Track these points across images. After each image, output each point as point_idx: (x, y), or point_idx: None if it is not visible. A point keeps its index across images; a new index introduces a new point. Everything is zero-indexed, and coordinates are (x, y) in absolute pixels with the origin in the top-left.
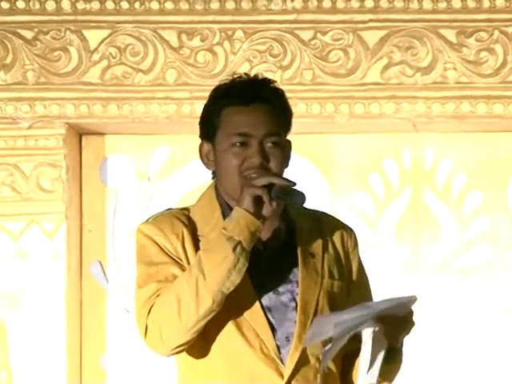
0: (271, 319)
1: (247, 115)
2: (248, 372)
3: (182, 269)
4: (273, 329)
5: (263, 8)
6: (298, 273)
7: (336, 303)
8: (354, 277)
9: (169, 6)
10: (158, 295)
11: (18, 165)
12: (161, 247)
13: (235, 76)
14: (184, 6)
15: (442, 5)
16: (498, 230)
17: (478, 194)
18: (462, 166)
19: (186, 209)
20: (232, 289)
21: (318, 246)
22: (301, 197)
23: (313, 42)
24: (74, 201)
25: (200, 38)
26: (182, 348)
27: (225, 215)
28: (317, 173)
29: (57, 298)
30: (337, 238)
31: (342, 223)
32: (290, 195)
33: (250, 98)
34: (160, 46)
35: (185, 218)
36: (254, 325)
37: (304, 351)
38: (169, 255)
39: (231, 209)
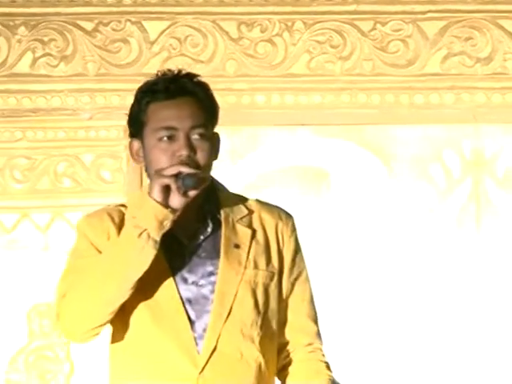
0: (190, 311)
1: (172, 109)
2: (163, 363)
3: None
4: (191, 321)
5: None
6: (220, 265)
7: (262, 293)
8: (288, 265)
9: None
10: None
11: (79, 156)
12: (90, 241)
13: (159, 73)
14: None
15: None
16: None
17: None
18: None
19: (123, 205)
20: (139, 275)
21: (245, 236)
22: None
23: (372, 33)
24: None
25: (260, 29)
26: (92, 333)
27: None
28: (377, 163)
29: None
30: (270, 226)
31: (278, 210)
32: (198, 184)
33: (175, 92)
34: (220, 37)
35: (116, 214)
36: (172, 317)
37: (221, 341)
38: (96, 249)
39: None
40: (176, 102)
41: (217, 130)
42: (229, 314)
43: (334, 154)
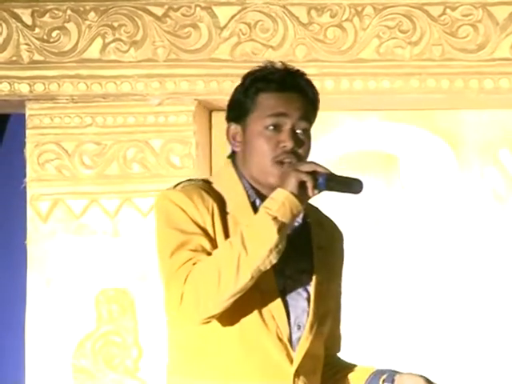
0: (286, 305)
1: (283, 100)
2: (262, 353)
3: (211, 242)
4: (287, 315)
5: None
6: (312, 263)
7: (334, 297)
8: (338, 280)
9: None
10: (194, 263)
11: (148, 141)
12: (189, 216)
13: (269, 63)
14: None
15: None
16: None
17: None
18: None
19: (208, 181)
20: (269, 267)
21: (324, 239)
22: (359, 185)
23: (442, 18)
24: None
25: (330, 14)
26: (211, 319)
27: (249, 197)
28: (446, 148)
29: None
30: (333, 235)
31: (336, 225)
32: (345, 185)
33: (288, 86)
34: (290, 22)
35: (212, 193)
36: (272, 309)
37: (312, 342)
38: (199, 226)
39: (255, 190)
40: (287, 95)
41: None
42: (321, 316)
43: (403, 139)
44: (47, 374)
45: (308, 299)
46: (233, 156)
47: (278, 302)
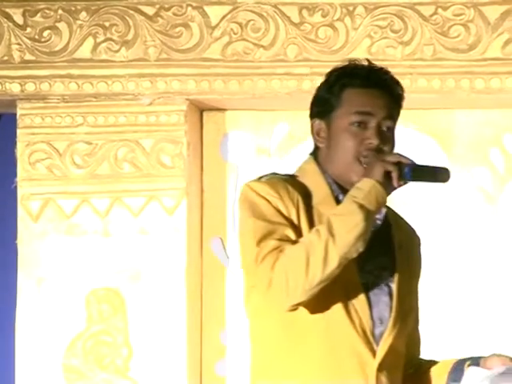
0: (368, 300)
1: (369, 97)
2: (347, 346)
3: (297, 233)
4: (370, 309)
5: None
6: (393, 261)
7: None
8: (417, 282)
9: None
10: (280, 251)
11: (139, 141)
12: (275, 207)
13: (352, 61)
14: None
15: None
16: None
17: None
18: None
19: (293, 176)
20: (355, 256)
21: (404, 240)
22: (446, 174)
23: (433, 18)
24: (195, 177)
25: (321, 14)
26: (297, 307)
27: (332, 191)
28: (437, 148)
29: (177, 275)
30: (410, 238)
31: (413, 229)
32: (432, 175)
33: (373, 82)
34: (281, 21)
35: (297, 186)
36: (355, 302)
37: (395, 338)
38: (284, 217)
39: (339, 186)
40: (373, 92)
41: (277, 114)
42: (405, 312)
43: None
44: (38, 373)
45: (390, 295)
46: (315, 153)
47: (361, 296)
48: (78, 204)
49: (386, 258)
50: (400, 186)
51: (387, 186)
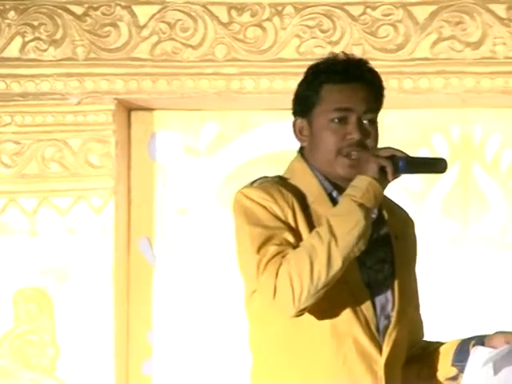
0: (371, 296)
1: (348, 92)
2: (353, 344)
3: (295, 236)
4: (373, 305)
5: None
6: (390, 253)
7: (414, 285)
8: (414, 266)
9: None
10: (282, 256)
11: (67, 140)
12: (270, 212)
13: (331, 55)
14: None
15: None
16: None
17: None
18: (510, 141)
19: (283, 178)
20: (357, 255)
21: (398, 227)
22: (442, 163)
23: (362, 18)
24: (123, 176)
25: (250, 14)
26: (304, 312)
27: (325, 189)
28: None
29: (104, 274)
30: (406, 224)
31: (407, 212)
32: (427, 166)
33: (352, 77)
34: (210, 21)
35: (290, 188)
36: (359, 300)
37: (399, 331)
38: (281, 221)
39: (330, 182)
40: (352, 86)
41: (206, 114)
42: (405, 303)
43: None
44: None
45: (391, 289)
46: (301, 150)
47: (365, 293)
48: (6, 203)
49: (384, 250)
50: (395, 178)
51: (382, 181)
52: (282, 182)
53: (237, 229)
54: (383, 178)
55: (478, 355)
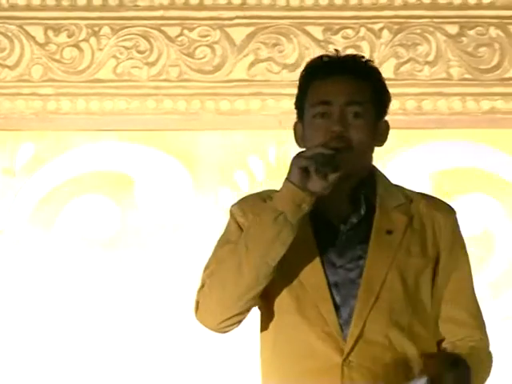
0: (336, 297)
1: (328, 84)
2: (307, 349)
3: None
4: (337, 306)
5: (130, 4)
6: (369, 250)
7: (414, 281)
8: (445, 256)
9: (35, 1)
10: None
11: None
12: (239, 226)
13: (323, 54)
14: (50, 1)
15: (309, 2)
16: None
17: None
18: None
19: (273, 190)
20: (277, 260)
21: (400, 222)
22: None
23: (179, 39)
24: None
25: (66, 34)
26: (230, 322)
27: None
28: (182, 170)
29: None
30: (428, 216)
31: (441, 203)
32: (334, 166)
33: (334, 69)
34: (26, 41)
35: (270, 199)
36: (318, 303)
37: (368, 328)
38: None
39: None
40: (333, 79)
41: (22, 134)
42: (376, 299)
43: (139, 160)
44: None
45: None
46: None
47: (325, 295)
48: None
49: (362, 247)
50: (331, 179)
51: (307, 183)
52: (267, 193)
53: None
54: (308, 180)
55: None
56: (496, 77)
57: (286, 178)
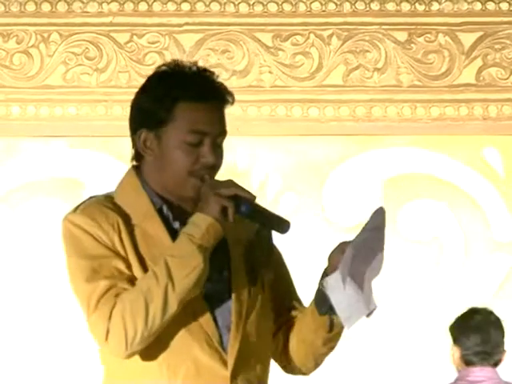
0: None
1: (204, 112)
2: (193, 365)
3: (125, 262)
4: (214, 318)
5: (79, 10)
6: (229, 258)
7: (267, 287)
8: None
9: None
10: (116, 295)
11: None
12: (96, 239)
13: (179, 64)
14: None
15: (258, 8)
16: (313, 232)
17: (293, 196)
18: (277, 168)
19: (110, 196)
20: (196, 294)
21: (246, 234)
22: (286, 225)
23: (129, 45)
24: None
25: (16, 40)
26: (137, 352)
27: (154, 204)
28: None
29: None
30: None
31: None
32: (270, 221)
33: (208, 95)
34: None
35: (114, 207)
36: (198, 316)
37: (245, 339)
38: (107, 248)
39: (162, 199)
40: (208, 106)
41: None
42: (246, 311)
43: (89, 166)
44: None
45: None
46: (139, 163)
47: (204, 309)
48: None
49: (218, 258)
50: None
51: (223, 221)
52: (107, 200)
53: (66, 259)
54: (224, 219)
55: (333, 284)
56: (445, 83)
57: (205, 213)
